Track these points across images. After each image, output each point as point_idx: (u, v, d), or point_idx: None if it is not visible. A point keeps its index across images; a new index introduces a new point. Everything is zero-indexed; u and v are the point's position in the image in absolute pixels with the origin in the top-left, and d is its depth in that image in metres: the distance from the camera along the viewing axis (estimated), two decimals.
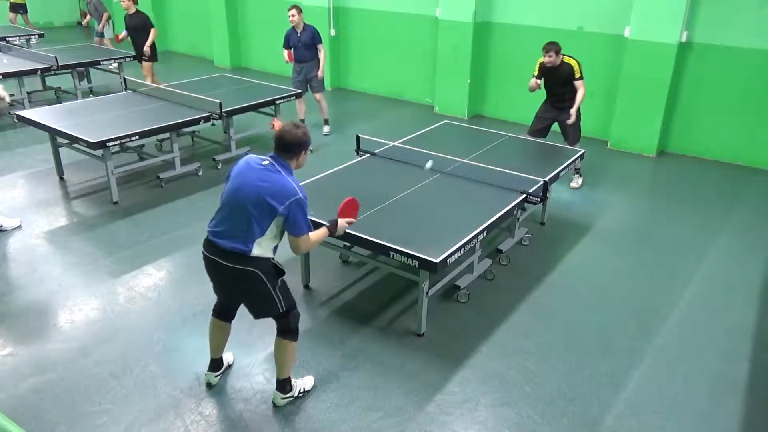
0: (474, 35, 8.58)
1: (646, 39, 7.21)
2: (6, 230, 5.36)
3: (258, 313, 3.33)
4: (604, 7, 7.68)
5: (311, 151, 3.21)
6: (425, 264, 3.60)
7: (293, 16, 7.46)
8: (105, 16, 11.22)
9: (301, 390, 3.51)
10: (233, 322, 3.53)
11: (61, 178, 6.52)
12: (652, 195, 6.69)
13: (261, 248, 3.08)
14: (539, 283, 4.76)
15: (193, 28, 13.06)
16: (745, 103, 7.08)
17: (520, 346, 4.01)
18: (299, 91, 7.65)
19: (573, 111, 6.12)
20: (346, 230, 3.82)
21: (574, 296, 4.62)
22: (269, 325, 3.98)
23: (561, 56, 6.10)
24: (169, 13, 13.47)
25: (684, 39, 7.13)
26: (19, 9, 13.52)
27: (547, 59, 6.04)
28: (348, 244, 4.43)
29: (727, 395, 3.62)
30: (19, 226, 5.45)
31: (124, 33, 8.78)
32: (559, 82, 6.25)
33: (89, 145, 5.54)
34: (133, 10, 8.54)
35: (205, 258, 3.21)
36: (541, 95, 6.63)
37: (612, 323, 4.29)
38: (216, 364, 3.63)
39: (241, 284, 3.19)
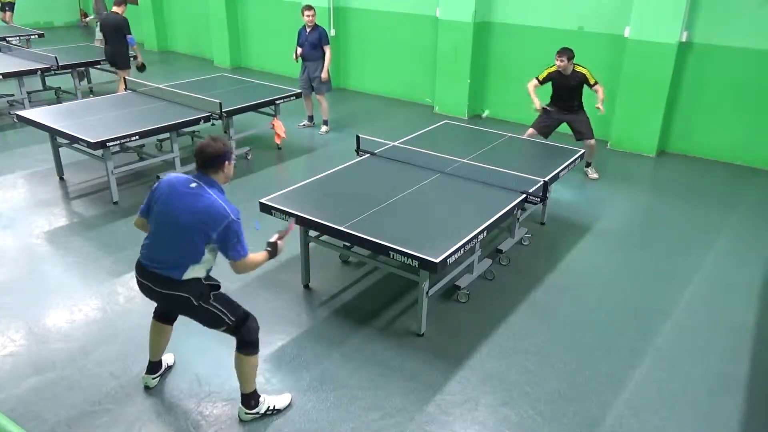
0: (474, 35, 8.58)
1: (646, 39, 7.21)
2: None
3: (206, 326, 3.21)
4: (604, 7, 7.68)
5: (234, 161, 3.14)
6: (425, 264, 3.60)
7: (310, 16, 7.74)
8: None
9: (271, 408, 3.36)
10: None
11: (61, 178, 6.52)
12: (652, 195, 6.69)
13: (194, 272, 3.02)
14: (539, 283, 4.76)
15: (193, 28, 13.06)
16: (745, 103, 7.09)
17: (520, 346, 4.01)
18: (299, 91, 7.69)
19: (600, 105, 6.31)
20: (346, 230, 3.89)
21: (574, 296, 4.62)
22: (268, 324, 3.99)
23: (573, 64, 6.25)
24: (169, 13, 13.47)
25: (684, 39, 7.13)
26: (6, 7, 13.48)
27: (559, 63, 6.18)
28: (348, 244, 4.44)
29: (727, 395, 3.62)
30: None
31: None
32: (567, 89, 6.41)
33: (89, 145, 5.54)
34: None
35: (138, 281, 3.17)
36: (543, 95, 6.65)
37: (612, 323, 4.29)
38: (154, 366, 3.58)
39: (177, 306, 3.17)
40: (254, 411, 3.32)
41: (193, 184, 2.99)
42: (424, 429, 3.32)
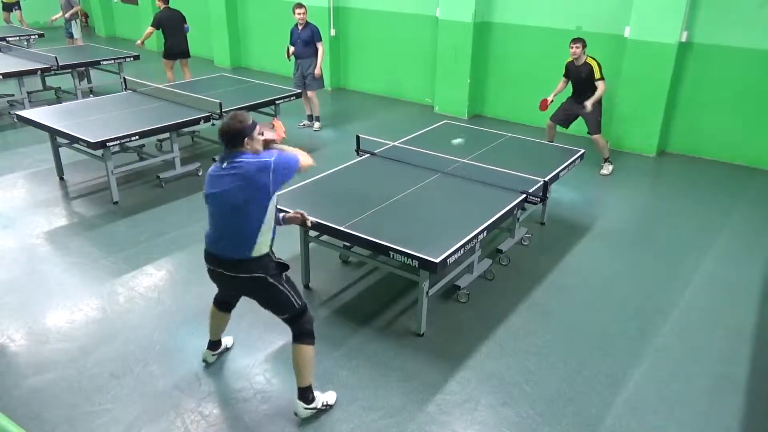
0: (474, 35, 8.58)
1: (646, 39, 7.21)
2: None
3: (277, 312, 3.28)
4: (603, 7, 7.68)
5: (261, 134, 3.17)
6: (425, 264, 3.60)
7: (301, 14, 7.77)
8: (75, 9, 10.60)
9: (325, 403, 3.40)
10: (234, 322, 3.53)
11: (61, 178, 6.53)
12: (652, 195, 6.69)
13: (261, 246, 3.09)
14: (539, 283, 4.76)
15: (193, 28, 13.02)
16: (745, 103, 7.08)
17: (519, 346, 4.01)
18: (299, 91, 7.75)
19: (588, 103, 6.50)
20: (346, 230, 3.91)
21: (574, 296, 4.62)
22: (269, 324, 3.99)
23: (585, 54, 6.50)
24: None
25: (684, 39, 7.13)
26: (12, 7, 13.46)
27: (572, 51, 6.43)
28: (348, 244, 4.44)
29: (727, 395, 3.62)
30: None
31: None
32: (579, 81, 6.63)
33: (89, 145, 5.54)
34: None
35: (210, 271, 3.24)
36: (543, 94, 6.68)
37: (612, 323, 4.29)
38: (214, 345, 3.77)
39: (252, 291, 3.22)
40: (312, 406, 3.34)
41: (225, 164, 3.06)
42: (424, 429, 3.32)
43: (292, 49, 7.93)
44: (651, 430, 3.35)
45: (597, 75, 6.47)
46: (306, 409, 3.33)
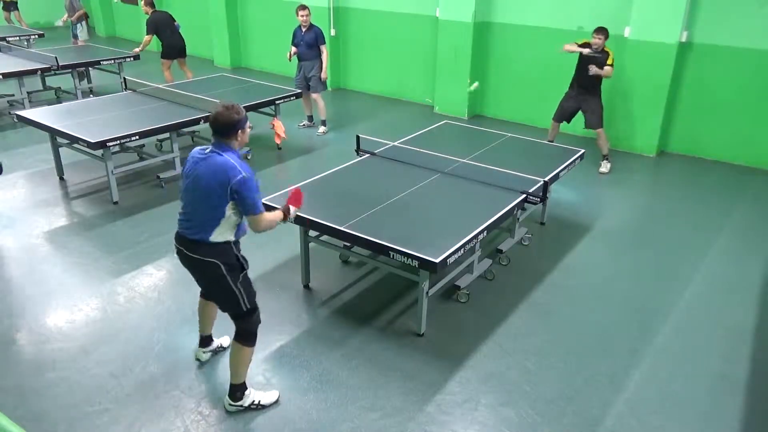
0: (474, 35, 8.58)
1: (646, 39, 7.21)
2: None
3: (222, 306, 3.34)
4: (603, 7, 7.68)
5: (251, 127, 3.22)
6: (425, 264, 3.60)
7: (305, 16, 7.74)
8: (80, 12, 10.84)
9: (255, 402, 3.39)
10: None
11: (61, 178, 6.53)
12: (652, 195, 6.69)
13: (222, 233, 3.11)
14: (539, 283, 4.76)
15: (193, 28, 13.03)
16: (745, 103, 7.08)
17: (519, 346, 4.01)
18: (299, 91, 7.72)
19: (597, 69, 6.49)
20: (346, 230, 3.89)
21: (574, 296, 4.62)
22: (267, 324, 4.00)
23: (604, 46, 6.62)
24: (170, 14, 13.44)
25: (684, 39, 7.13)
26: (11, 7, 13.49)
27: (596, 41, 6.52)
28: (348, 244, 4.44)
29: (727, 395, 3.62)
30: None
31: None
32: (592, 65, 6.60)
33: (89, 145, 5.54)
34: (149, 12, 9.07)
35: (176, 250, 3.29)
36: (543, 94, 6.67)
37: (612, 323, 4.29)
38: (204, 340, 3.77)
39: (205, 276, 3.26)
40: (239, 403, 3.37)
41: (207, 150, 3.12)
42: (424, 429, 3.32)
43: (294, 50, 7.89)
44: (651, 430, 3.35)
45: (610, 61, 6.55)
46: (231, 405, 3.37)
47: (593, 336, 4.14)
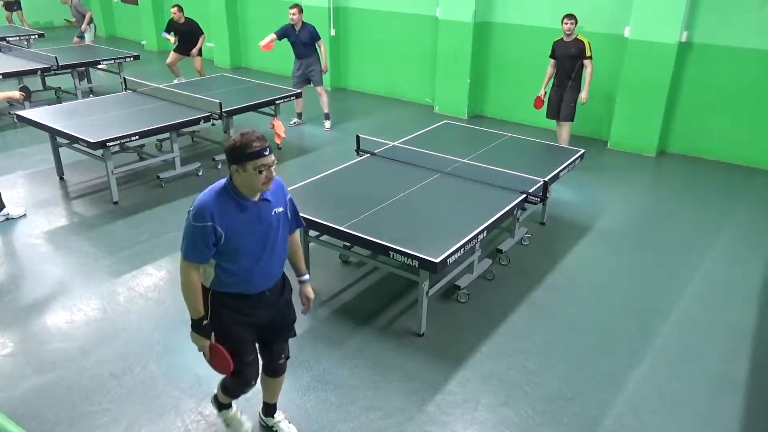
0: (474, 35, 8.58)
1: (646, 39, 7.21)
2: (13, 218, 5.52)
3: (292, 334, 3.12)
4: (603, 7, 7.68)
5: (237, 169, 2.69)
6: (425, 264, 3.60)
7: (294, 15, 7.83)
8: (88, 15, 11.06)
9: (226, 424, 3.25)
10: None
11: (61, 178, 6.52)
12: (652, 195, 6.69)
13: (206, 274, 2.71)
14: (539, 283, 4.76)
15: None
16: (745, 103, 7.08)
17: (520, 346, 4.01)
18: (299, 91, 7.77)
19: (584, 94, 6.63)
20: (346, 230, 3.88)
21: (574, 296, 4.62)
22: None
23: (575, 33, 6.63)
24: (169, 14, 13.42)
25: (684, 39, 7.13)
26: (13, 7, 13.51)
27: (566, 26, 6.55)
28: (348, 244, 4.44)
29: (727, 395, 3.62)
30: (24, 215, 5.61)
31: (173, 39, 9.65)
32: (568, 58, 6.68)
33: (89, 145, 5.54)
34: (183, 20, 9.55)
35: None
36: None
37: (612, 323, 4.29)
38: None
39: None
40: (216, 411, 3.27)
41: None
42: (424, 429, 3.32)
43: (272, 36, 7.90)
44: (651, 430, 3.35)
45: (587, 53, 6.56)
46: (212, 405, 3.25)
47: (593, 336, 4.14)
